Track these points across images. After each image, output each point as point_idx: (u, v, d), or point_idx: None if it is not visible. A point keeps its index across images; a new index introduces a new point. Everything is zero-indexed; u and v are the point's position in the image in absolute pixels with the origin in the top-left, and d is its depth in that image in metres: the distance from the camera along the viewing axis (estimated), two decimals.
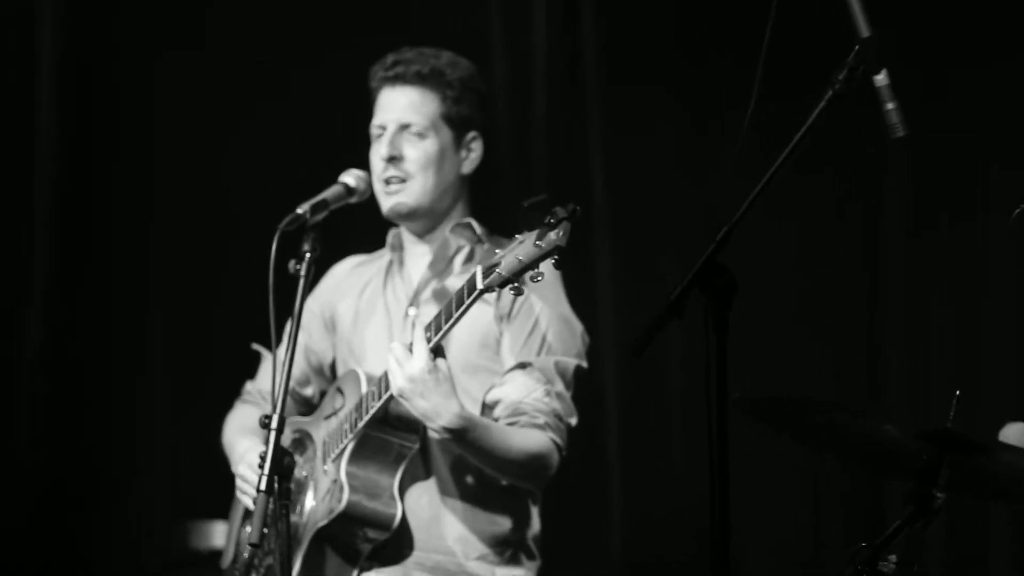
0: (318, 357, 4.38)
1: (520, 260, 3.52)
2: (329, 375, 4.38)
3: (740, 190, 3.53)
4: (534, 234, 3.49)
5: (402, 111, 4.16)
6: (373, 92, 4.24)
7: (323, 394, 4.34)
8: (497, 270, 3.57)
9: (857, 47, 3.04)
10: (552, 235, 3.47)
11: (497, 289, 3.60)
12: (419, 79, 4.17)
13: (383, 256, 4.34)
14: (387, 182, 4.13)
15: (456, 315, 3.72)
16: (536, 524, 4.14)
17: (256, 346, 4.41)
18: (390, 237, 4.30)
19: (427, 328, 3.79)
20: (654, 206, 5.70)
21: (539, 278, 3.52)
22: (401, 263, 4.27)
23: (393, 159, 4.13)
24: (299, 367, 4.34)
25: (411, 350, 3.78)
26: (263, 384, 4.40)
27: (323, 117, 5.55)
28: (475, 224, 4.20)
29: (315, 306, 4.36)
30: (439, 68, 4.18)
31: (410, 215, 4.17)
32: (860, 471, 5.31)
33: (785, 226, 5.49)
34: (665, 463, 5.61)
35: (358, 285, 4.34)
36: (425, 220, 4.18)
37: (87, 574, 6.00)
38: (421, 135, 4.15)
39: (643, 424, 5.67)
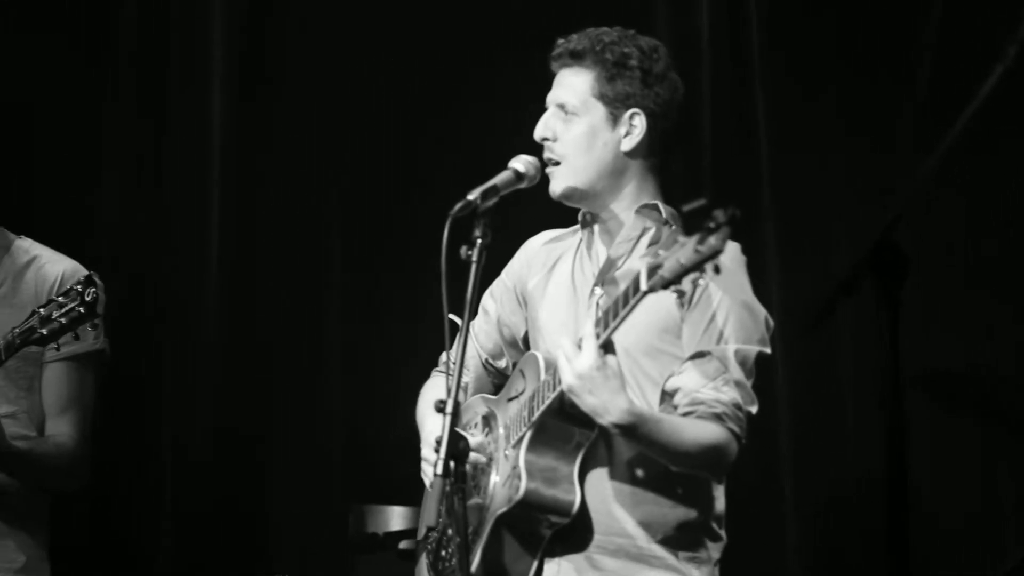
0: (511, 330, 4.41)
1: (681, 264, 3.52)
2: (522, 347, 4.39)
3: (910, 166, 3.50)
4: (695, 238, 3.49)
5: (556, 91, 4.18)
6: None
7: (515, 365, 4.35)
8: (660, 272, 3.57)
9: None
10: (712, 240, 3.46)
11: (661, 291, 3.58)
12: (573, 58, 4.16)
13: (576, 232, 4.33)
14: (545, 164, 4.13)
15: (622, 314, 3.72)
16: (720, 505, 4.12)
17: (452, 316, 4.44)
18: (581, 215, 4.29)
19: (596, 324, 3.80)
20: (820, 184, 5.67)
21: (701, 281, 3.51)
22: (590, 241, 4.26)
23: (545, 140, 4.14)
24: (492, 340, 4.40)
25: (580, 346, 3.79)
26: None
27: (500, 100, 5.59)
28: (662, 206, 4.16)
29: (508, 280, 4.40)
30: (595, 47, 4.14)
31: (567, 196, 4.17)
32: None
33: (954, 200, 5.42)
34: (837, 443, 5.57)
35: (549, 261, 4.34)
36: (589, 201, 4.18)
37: (266, 558, 6.09)
38: (573, 114, 4.14)
39: (813, 403, 5.63)
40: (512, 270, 4.39)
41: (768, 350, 4.07)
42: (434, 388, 4.43)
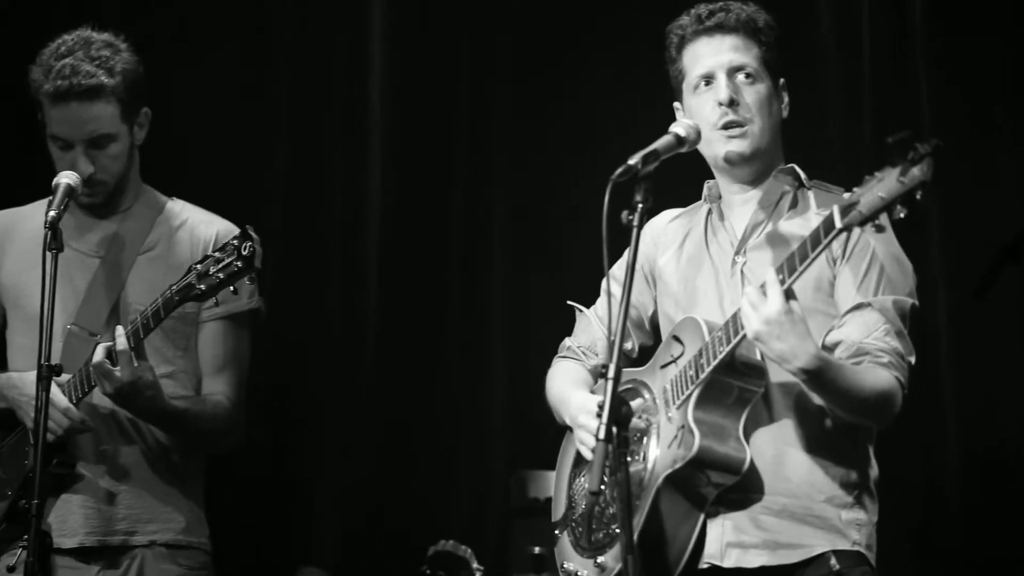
0: (638, 311, 4.49)
1: (882, 197, 3.57)
2: (649, 329, 4.50)
3: None
4: (896, 170, 3.53)
5: (731, 55, 4.25)
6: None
7: (642, 348, 4.46)
8: (857, 208, 3.62)
9: None
10: (916, 170, 3.50)
11: (856, 228, 3.64)
12: (740, 25, 4.26)
13: (700, 207, 4.42)
14: (726, 127, 4.18)
15: (812, 255, 3.78)
16: (875, 465, 4.19)
17: (572, 303, 4.51)
18: (706, 189, 4.38)
19: (779, 270, 3.85)
20: (985, 146, 5.63)
21: (901, 215, 3.53)
22: (721, 212, 4.34)
23: (733, 103, 4.19)
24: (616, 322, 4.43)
25: (764, 293, 3.82)
26: (582, 340, 4.54)
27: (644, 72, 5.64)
28: (799, 169, 4.26)
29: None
30: (753, 16, 4.27)
31: (750, 159, 4.24)
32: None
33: None
34: (1004, 409, 5.54)
35: (678, 238, 4.44)
36: (758, 164, 4.27)
37: (428, 523, 6.18)
38: (753, 78, 4.24)
39: (977, 359, 5.61)
40: (638, 250, 4.42)
41: (917, 302, 4.14)
42: (564, 371, 4.52)
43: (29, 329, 4.70)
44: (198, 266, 4.47)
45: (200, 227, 4.92)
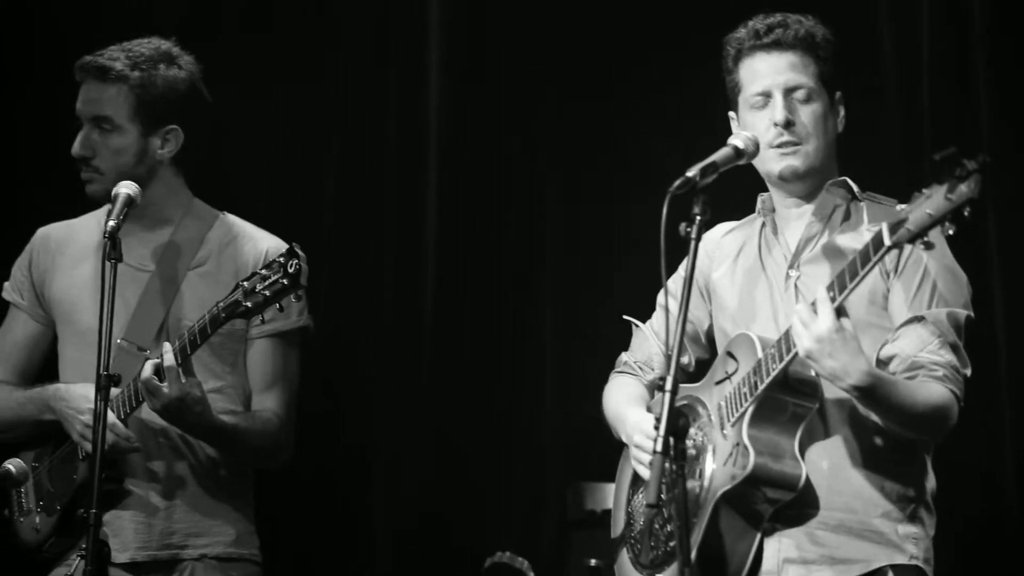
0: (694, 325, 4.50)
1: (930, 214, 3.58)
2: (705, 343, 4.51)
3: None
4: (944, 187, 3.55)
5: (788, 74, 4.25)
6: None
7: (699, 362, 4.46)
8: (905, 226, 3.65)
9: None
10: (963, 187, 3.52)
11: (906, 245, 3.63)
12: (798, 42, 4.27)
13: (754, 221, 4.44)
14: (780, 147, 4.18)
15: (862, 273, 3.81)
16: (933, 479, 4.21)
17: (627, 318, 4.49)
18: (760, 202, 4.39)
19: (829, 288, 3.88)
20: None
21: (950, 232, 3.51)
22: (775, 226, 4.35)
23: (789, 124, 4.20)
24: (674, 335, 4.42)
25: (815, 310, 3.82)
26: (639, 355, 4.53)
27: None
28: (851, 182, 4.28)
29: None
30: (811, 31, 4.27)
31: (804, 176, 4.25)
32: None
33: None
34: None
35: (732, 251, 4.45)
36: (812, 180, 4.28)
37: (485, 534, 6.18)
38: (809, 98, 4.24)
39: None
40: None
41: (973, 314, 4.15)
42: (620, 387, 4.53)
43: (81, 342, 4.72)
44: (244, 283, 4.45)
45: (250, 244, 4.89)
